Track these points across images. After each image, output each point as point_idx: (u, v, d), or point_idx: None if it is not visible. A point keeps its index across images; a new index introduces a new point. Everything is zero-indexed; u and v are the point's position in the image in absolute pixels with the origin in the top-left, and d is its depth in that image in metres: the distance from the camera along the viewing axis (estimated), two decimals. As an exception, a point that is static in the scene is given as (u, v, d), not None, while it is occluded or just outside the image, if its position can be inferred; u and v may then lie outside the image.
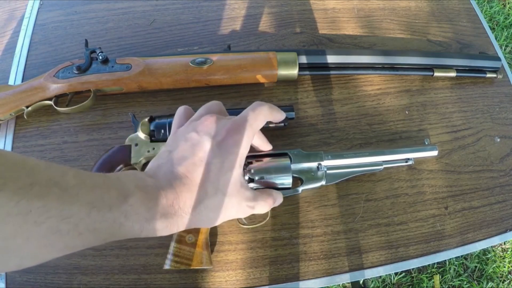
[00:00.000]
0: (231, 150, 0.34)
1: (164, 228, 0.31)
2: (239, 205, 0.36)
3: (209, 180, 0.33)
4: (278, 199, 0.42)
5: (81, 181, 0.27)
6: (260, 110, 0.38)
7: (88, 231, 0.26)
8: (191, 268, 0.44)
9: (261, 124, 0.38)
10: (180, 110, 0.41)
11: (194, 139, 0.34)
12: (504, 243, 1.18)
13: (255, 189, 0.44)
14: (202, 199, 0.33)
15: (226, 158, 0.34)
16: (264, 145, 0.45)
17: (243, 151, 0.35)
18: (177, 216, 0.31)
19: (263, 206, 0.39)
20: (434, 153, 0.51)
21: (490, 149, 0.56)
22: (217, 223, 0.35)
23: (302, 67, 0.56)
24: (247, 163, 0.46)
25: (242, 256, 0.47)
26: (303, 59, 0.56)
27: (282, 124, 0.51)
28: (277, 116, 0.42)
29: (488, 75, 0.60)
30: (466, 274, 1.12)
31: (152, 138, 0.49)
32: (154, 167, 0.34)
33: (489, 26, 0.93)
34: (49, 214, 0.24)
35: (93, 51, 0.53)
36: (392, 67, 0.59)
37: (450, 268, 1.12)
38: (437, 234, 0.50)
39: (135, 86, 0.53)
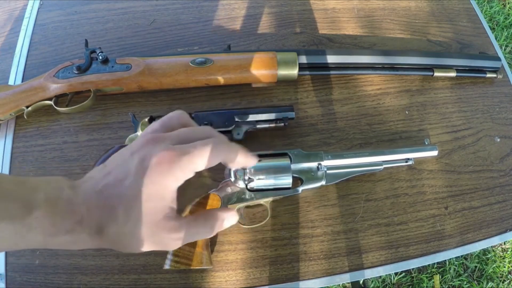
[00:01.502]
0: (155, 180, 0.30)
1: (70, 243, 0.30)
2: (158, 237, 0.32)
3: (122, 205, 0.30)
4: (228, 218, 0.36)
5: None
6: (206, 150, 0.32)
7: None
8: (191, 268, 0.44)
9: (204, 163, 0.32)
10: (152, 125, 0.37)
11: (125, 158, 0.32)
12: (504, 243, 1.18)
13: (252, 189, 0.44)
14: (111, 223, 0.30)
15: (146, 187, 0.30)
16: (249, 161, 0.37)
17: (169, 184, 0.31)
18: (85, 234, 0.30)
19: (200, 233, 0.34)
20: (434, 153, 0.51)
21: (490, 149, 0.56)
22: (132, 251, 0.32)
23: (302, 67, 0.56)
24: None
25: (242, 256, 0.47)
26: (303, 59, 0.56)
27: (282, 124, 0.51)
28: (236, 160, 0.34)
29: (488, 75, 0.60)
30: (466, 274, 1.12)
31: (152, 138, 0.49)
32: (86, 177, 0.33)
33: (489, 26, 0.93)
34: None
35: (93, 51, 0.53)
36: (392, 67, 0.59)
37: (450, 268, 1.12)
38: (437, 234, 0.50)
39: (135, 86, 0.53)
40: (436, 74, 0.59)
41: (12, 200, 0.28)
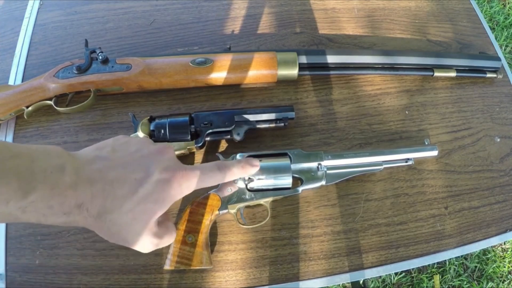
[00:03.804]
0: (166, 188, 0.33)
1: (62, 223, 0.30)
2: (142, 236, 0.33)
3: (128, 199, 0.31)
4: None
5: None
6: (213, 175, 0.38)
7: None
8: (191, 268, 0.44)
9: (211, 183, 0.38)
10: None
11: (144, 161, 0.34)
12: (504, 243, 1.18)
13: (252, 189, 0.45)
14: (112, 211, 0.31)
15: (156, 193, 0.32)
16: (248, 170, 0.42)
17: (176, 197, 0.34)
18: (80, 216, 0.30)
19: (168, 241, 0.38)
20: (434, 153, 0.51)
21: (490, 149, 0.56)
22: (114, 241, 0.33)
23: (302, 67, 0.56)
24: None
25: (242, 256, 0.47)
26: (303, 59, 0.56)
27: (282, 124, 0.51)
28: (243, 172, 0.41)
29: (488, 75, 0.60)
30: (466, 274, 1.12)
31: (152, 138, 0.49)
32: (90, 157, 0.33)
33: (489, 26, 0.93)
34: None
35: (93, 51, 0.53)
36: (392, 67, 0.59)
37: (450, 268, 1.12)
38: (437, 234, 0.50)
39: (135, 86, 0.53)
40: (436, 74, 0.59)
41: (6, 182, 0.26)
